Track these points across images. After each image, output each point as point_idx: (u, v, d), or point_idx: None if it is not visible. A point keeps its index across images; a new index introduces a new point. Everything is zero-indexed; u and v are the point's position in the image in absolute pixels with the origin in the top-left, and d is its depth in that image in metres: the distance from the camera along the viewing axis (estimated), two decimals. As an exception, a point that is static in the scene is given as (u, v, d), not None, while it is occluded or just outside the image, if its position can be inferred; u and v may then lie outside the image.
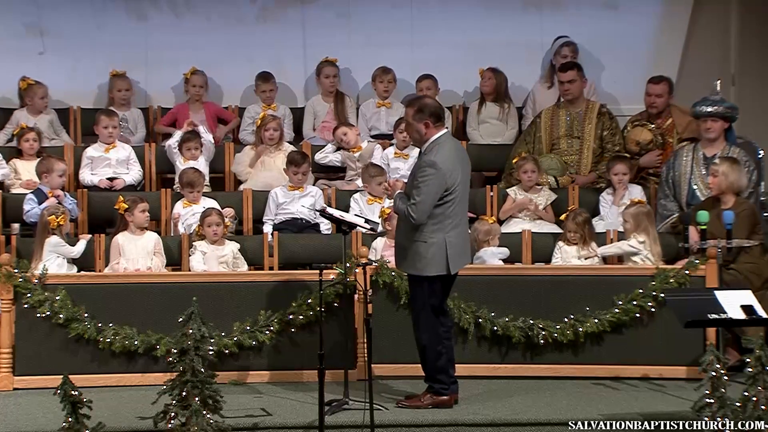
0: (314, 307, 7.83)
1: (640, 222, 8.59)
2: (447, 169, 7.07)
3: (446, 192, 7.08)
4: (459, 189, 7.12)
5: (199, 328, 6.40)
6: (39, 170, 9.20)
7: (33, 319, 7.83)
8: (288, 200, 9.33)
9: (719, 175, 8.51)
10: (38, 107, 10.27)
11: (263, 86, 10.52)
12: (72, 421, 6.04)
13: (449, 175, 7.07)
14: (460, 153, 7.27)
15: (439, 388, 7.25)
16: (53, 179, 9.09)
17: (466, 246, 7.31)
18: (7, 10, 10.73)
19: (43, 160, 9.26)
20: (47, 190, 9.05)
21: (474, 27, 10.87)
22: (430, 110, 7.17)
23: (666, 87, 9.80)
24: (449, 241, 7.11)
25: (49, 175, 9.10)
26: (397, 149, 9.94)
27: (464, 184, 7.19)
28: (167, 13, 10.92)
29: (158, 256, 8.68)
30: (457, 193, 7.11)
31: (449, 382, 7.28)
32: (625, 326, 7.97)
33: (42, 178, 9.15)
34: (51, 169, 9.11)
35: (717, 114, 8.96)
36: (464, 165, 7.24)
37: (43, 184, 9.13)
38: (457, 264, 7.18)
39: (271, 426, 6.89)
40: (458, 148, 7.31)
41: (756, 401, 6.25)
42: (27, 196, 9.05)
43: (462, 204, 7.20)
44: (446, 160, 7.10)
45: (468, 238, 7.38)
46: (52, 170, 9.11)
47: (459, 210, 7.17)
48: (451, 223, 7.13)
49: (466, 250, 7.29)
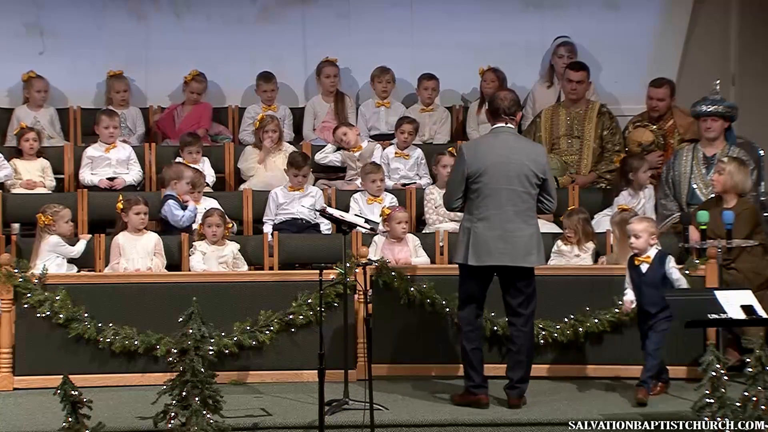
0: (314, 307, 7.83)
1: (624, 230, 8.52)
2: (469, 156, 7.15)
3: (470, 180, 7.13)
4: (483, 180, 7.10)
5: (199, 328, 6.41)
6: (169, 176, 9.12)
7: (33, 319, 7.83)
8: (288, 200, 9.33)
9: (725, 174, 8.48)
10: (36, 101, 10.27)
11: (264, 86, 10.52)
12: (72, 421, 6.04)
13: (470, 163, 7.12)
14: (501, 148, 7.18)
15: (468, 385, 7.28)
16: (181, 186, 9.06)
17: (502, 242, 7.12)
18: (7, 10, 10.73)
19: (173, 167, 9.21)
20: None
21: (474, 27, 10.86)
22: (491, 105, 7.36)
23: (668, 90, 9.79)
24: (474, 231, 7.13)
25: (179, 182, 9.06)
26: (397, 149, 9.94)
27: (493, 179, 7.11)
28: (167, 13, 10.92)
29: (158, 257, 8.67)
30: (480, 184, 7.11)
31: (478, 381, 7.26)
32: (625, 326, 7.97)
33: (171, 184, 9.09)
34: (180, 176, 9.08)
35: (717, 113, 8.95)
36: (501, 162, 7.13)
37: (171, 190, 9.07)
38: (483, 257, 7.11)
39: (271, 426, 6.90)
40: (503, 144, 7.20)
41: (756, 401, 6.25)
42: (169, 204, 8.93)
43: (492, 199, 7.12)
44: (472, 148, 7.22)
45: (507, 237, 7.13)
46: (182, 177, 9.07)
47: (489, 203, 7.12)
48: (478, 214, 7.14)
49: (499, 247, 7.11)
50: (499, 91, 7.60)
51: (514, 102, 7.34)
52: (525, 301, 7.25)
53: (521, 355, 7.23)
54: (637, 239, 7.41)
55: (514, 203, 7.16)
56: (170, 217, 8.92)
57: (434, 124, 10.49)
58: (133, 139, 10.31)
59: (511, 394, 7.27)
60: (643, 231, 7.40)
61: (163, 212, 8.94)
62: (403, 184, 9.77)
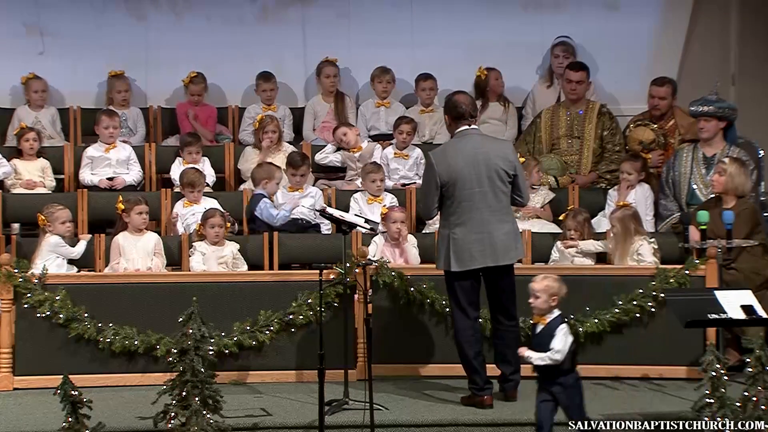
0: (314, 307, 7.84)
1: (626, 225, 8.55)
2: (438, 164, 7.17)
3: (443, 188, 7.15)
4: (458, 186, 7.14)
5: (199, 328, 6.41)
6: (259, 176, 9.18)
7: (33, 319, 7.83)
8: (288, 201, 9.32)
9: (726, 175, 8.49)
10: (35, 101, 10.28)
11: (264, 85, 10.53)
12: (72, 421, 6.04)
13: (441, 171, 7.15)
14: (469, 151, 7.22)
15: (471, 388, 7.30)
16: (272, 186, 9.11)
17: (486, 245, 7.19)
18: (7, 10, 10.74)
19: (264, 167, 9.25)
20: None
21: (474, 27, 10.87)
22: (451, 107, 7.37)
23: (670, 89, 9.80)
24: (453, 237, 7.17)
25: (270, 181, 9.11)
26: (396, 149, 9.94)
27: (469, 184, 7.16)
28: (167, 13, 10.92)
29: (158, 257, 8.67)
30: (455, 189, 7.15)
31: (482, 384, 7.27)
32: (625, 326, 7.98)
33: (261, 184, 9.14)
34: (272, 177, 9.13)
35: (709, 114, 8.96)
36: (472, 164, 7.18)
37: (260, 189, 9.11)
38: (467, 262, 7.17)
39: (271, 426, 6.90)
40: (471, 146, 7.25)
41: (756, 401, 6.25)
42: (265, 203, 9.01)
43: (469, 203, 7.17)
44: (441, 156, 7.21)
45: (486, 238, 7.20)
46: (273, 177, 9.13)
47: (464, 208, 7.17)
48: (455, 220, 7.18)
49: (484, 249, 7.19)
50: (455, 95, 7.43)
51: (474, 102, 7.56)
52: (510, 296, 7.34)
53: (511, 349, 7.23)
54: (535, 299, 6.48)
55: (488, 204, 7.23)
56: (266, 217, 8.97)
57: (434, 124, 10.48)
58: (134, 140, 10.30)
59: (507, 387, 7.34)
60: (542, 291, 6.48)
61: (258, 211, 8.97)
62: (403, 184, 9.77)
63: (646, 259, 8.42)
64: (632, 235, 8.50)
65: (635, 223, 8.57)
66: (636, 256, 8.46)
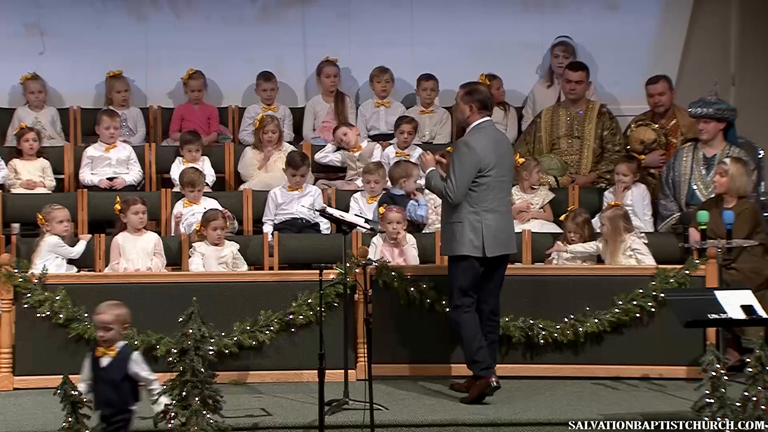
0: (314, 307, 7.83)
1: (617, 225, 8.55)
2: (480, 150, 7.24)
3: (480, 174, 7.24)
4: (493, 174, 7.27)
5: (199, 328, 6.40)
6: (398, 174, 9.14)
7: (33, 319, 7.83)
8: (287, 200, 9.33)
9: (727, 176, 8.48)
10: (32, 102, 10.28)
11: (264, 85, 10.53)
12: (72, 421, 6.03)
13: (483, 157, 7.24)
14: (498, 141, 7.44)
15: (478, 369, 7.31)
16: (410, 184, 9.09)
17: (507, 234, 7.41)
18: (7, 10, 10.74)
19: (402, 165, 9.23)
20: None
21: (474, 27, 10.87)
22: (479, 96, 7.43)
23: (666, 84, 9.80)
24: (486, 223, 7.27)
25: (408, 180, 9.09)
26: (397, 149, 9.94)
27: (501, 172, 7.33)
28: (167, 13, 10.92)
29: (158, 257, 8.67)
30: (491, 177, 7.26)
31: (488, 361, 7.33)
32: (625, 326, 7.98)
33: (399, 182, 9.12)
34: (410, 174, 9.11)
35: (707, 115, 8.96)
36: (502, 154, 7.39)
37: (397, 188, 9.12)
38: (494, 248, 7.28)
39: (271, 426, 6.90)
40: (497, 137, 7.48)
41: (756, 401, 6.25)
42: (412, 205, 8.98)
43: (498, 191, 7.33)
44: (479, 142, 7.29)
45: (510, 227, 7.49)
46: (411, 175, 9.10)
47: (496, 196, 7.31)
48: (487, 206, 7.28)
49: (506, 238, 7.39)
50: (479, 85, 7.69)
51: None
52: (500, 285, 7.53)
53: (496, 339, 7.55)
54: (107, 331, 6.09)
55: (509, 193, 7.65)
56: (415, 215, 9.01)
57: (435, 125, 10.49)
58: (134, 140, 10.31)
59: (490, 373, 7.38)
60: (114, 322, 6.13)
61: (408, 212, 8.94)
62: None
63: (641, 252, 8.43)
64: (621, 233, 8.51)
65: (624, 222, 8.59)
66: (630, 252, 8.47)
